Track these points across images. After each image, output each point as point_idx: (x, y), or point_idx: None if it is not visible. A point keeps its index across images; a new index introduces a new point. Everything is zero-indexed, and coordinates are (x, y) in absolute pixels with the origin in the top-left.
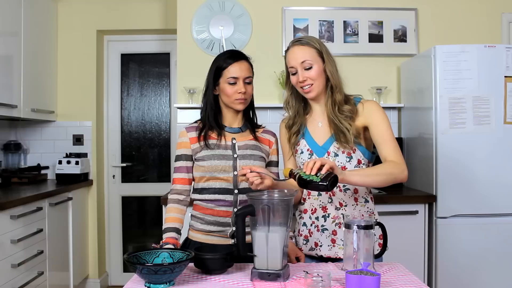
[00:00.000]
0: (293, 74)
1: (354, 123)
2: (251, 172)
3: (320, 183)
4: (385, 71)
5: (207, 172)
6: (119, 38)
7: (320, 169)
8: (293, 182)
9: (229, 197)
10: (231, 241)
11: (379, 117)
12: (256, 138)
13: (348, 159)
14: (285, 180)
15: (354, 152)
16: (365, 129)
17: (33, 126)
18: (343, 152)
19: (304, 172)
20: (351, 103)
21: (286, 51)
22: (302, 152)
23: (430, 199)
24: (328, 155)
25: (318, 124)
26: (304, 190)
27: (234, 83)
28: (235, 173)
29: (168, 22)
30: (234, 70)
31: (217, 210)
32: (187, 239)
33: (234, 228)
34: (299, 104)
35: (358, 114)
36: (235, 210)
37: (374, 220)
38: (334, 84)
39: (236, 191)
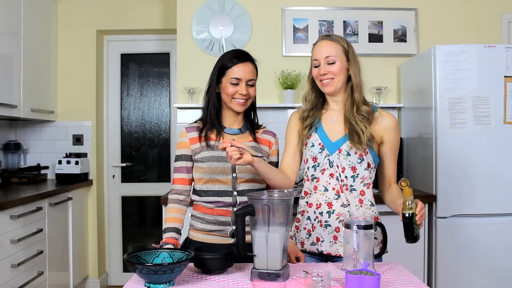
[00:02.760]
0: (316, 67)
1: (370, 127)
2: (231, 146)
3: (411, 235)
4: (385, 71)
5: (206, 174)
6: (119, 38)
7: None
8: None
9: (228, 199)
10: (231, 240)
11: (396, 138)
12: (255, 139)
13: (359, 161)
14: (263, 157)
15: (366, 155)
16: (379, 138)
17: (33, 126)
18: (355, 153)
19: (415, 215)
20: (369, 105)
21: (314, 45)
22: (313, 145)
23: (430, 199)
24: (340, 152)
25: (333, 120)
26: (302, 185)
27: (237, 84)
28: (234, 175)
29: (168, 22)
30: (238, 70)
31: (217, 210)
32: (187, 239)
33: (234, 227)
34: (318, 98)
35: (376, 122)
36: (235, 209)
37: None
38: (355, 83)
39: (235, 193)
